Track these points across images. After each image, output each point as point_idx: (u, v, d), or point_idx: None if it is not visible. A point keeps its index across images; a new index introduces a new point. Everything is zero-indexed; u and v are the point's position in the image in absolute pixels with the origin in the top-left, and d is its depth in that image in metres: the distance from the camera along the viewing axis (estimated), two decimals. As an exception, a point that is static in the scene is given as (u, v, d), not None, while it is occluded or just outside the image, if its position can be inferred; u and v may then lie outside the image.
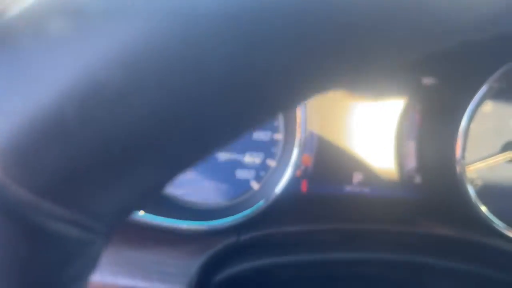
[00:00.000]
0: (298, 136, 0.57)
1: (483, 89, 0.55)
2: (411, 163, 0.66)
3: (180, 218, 0.54)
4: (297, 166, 0.64)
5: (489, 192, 0.65)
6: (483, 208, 0.57)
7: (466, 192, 0.57)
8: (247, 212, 0.54)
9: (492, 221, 0.57)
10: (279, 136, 0.63)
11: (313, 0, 0.12)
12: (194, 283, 0.52)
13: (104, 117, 0.11)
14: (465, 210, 0.58)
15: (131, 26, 0.11)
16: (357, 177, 0.65)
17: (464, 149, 0.57)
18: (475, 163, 0.63)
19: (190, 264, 0.52)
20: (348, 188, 0.65)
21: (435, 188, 0.64)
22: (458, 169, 0.57)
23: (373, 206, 0.64)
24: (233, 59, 0.12)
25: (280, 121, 0.63)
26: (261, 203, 0.56)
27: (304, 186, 0.65)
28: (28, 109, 0.11)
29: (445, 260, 0.58)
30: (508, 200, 0.64)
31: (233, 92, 0.13)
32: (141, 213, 0.52)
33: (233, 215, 0.54)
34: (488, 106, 0.65)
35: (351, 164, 0.65)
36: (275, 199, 0.57)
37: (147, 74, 0.12)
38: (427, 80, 0.65)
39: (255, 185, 0.63)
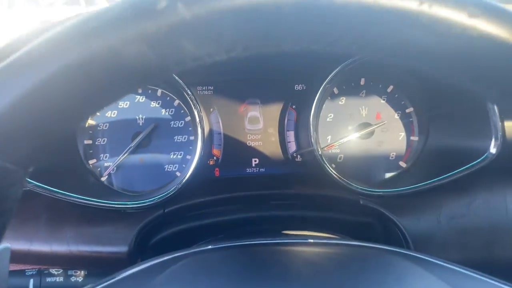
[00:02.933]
0: (202, 136, 0.81)
1: (321, 90, 0.80)
2: (293, 147, 0.90)
3: (118, 201, 0.77)
4: (209, 158, 0.89)
5: (349, 162, 0.89)
6: (336, 174, 0.81)
7: (324, 165, 0.81)
8: (167, 192, 0.78)
9: (343, 181, 0.81)
10: (192, 138, 0.87)
11: None
12: (134, 244, 0.75)
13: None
14: (326, 177, 0.82)
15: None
16: (255, 161, 0.90)
17: (316, 135, 0.81)
18: (336, 141, 0.88)
19: (130, 231, 0.76)
20: (248, 170, 0.90)
21: (310, 164, 0.88)
22: (316, 149, 0.81)
23: (268, 181, 0.89)
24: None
25: (194, 126, 0.86)
26: (179, 185, 0.79)
27: (216, 172, 0.89)
28: None
29: (314, 211, 0.82)
30: (362, 165, 0.89)
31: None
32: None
33: (158, 195, 0.78)
34: (342, 100, 0.90)
35: (249, 152, 0.90)
36: (191, 181, 0.81)
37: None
38: (298, 86, 0.90)
39: (178, 174, 0.87)
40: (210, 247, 0.53)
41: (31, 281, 0.58)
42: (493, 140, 0.75)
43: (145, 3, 0.26)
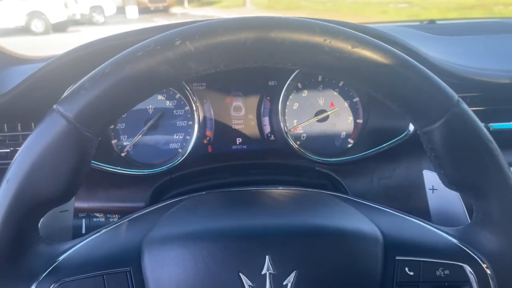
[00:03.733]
0: (198, 121, 1.08)
1: (287, 85, 1.07)
2: (267, 129, 1.18)
3: (136, 169, 1.05)
4: (203, 138, 1.16)
5: (310, 140, 1.17)
6: (300, 148, 1.09)
7: (291, 142, 1.09)
8: (173, 163, 1.06)
9: (304, 154, 1.09)
10: (190, 123, 1.14)
11: None
12: (149, 201, 1.03)
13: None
14: (292, 151, 1.10)
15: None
16: (238, 140, 1.17)
17: (284, 119, 1.08)
18: (300, 124, 1.15)
19: (146, 192, 1.04)
20: (234, 147, 1.17)
21: (280, 142, 1.16)
22: (284, 130, 1.09)
23: (249, 154, 1.16)
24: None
25: (191, 113, 1.13)
26: (181, 158, 1.07)
27: (209, 149, 1.16)
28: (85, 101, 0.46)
29: (282, 176, 1.10)
30: (319, 142, 1.17)
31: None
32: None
33: (166, 165, 1.06)
34: (305, 93, 1.17)
35: (234, 133, 1.17)
36: (190, 155, 1.08)
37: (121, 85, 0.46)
38: (271, 82, 1.17)
39: (180, 150, 1.14)
40: (204, 193, 0.80)
41: (83, 220, 0.86)
42: (411, 121, 1.04)
43: (168, 42, 0.51)
